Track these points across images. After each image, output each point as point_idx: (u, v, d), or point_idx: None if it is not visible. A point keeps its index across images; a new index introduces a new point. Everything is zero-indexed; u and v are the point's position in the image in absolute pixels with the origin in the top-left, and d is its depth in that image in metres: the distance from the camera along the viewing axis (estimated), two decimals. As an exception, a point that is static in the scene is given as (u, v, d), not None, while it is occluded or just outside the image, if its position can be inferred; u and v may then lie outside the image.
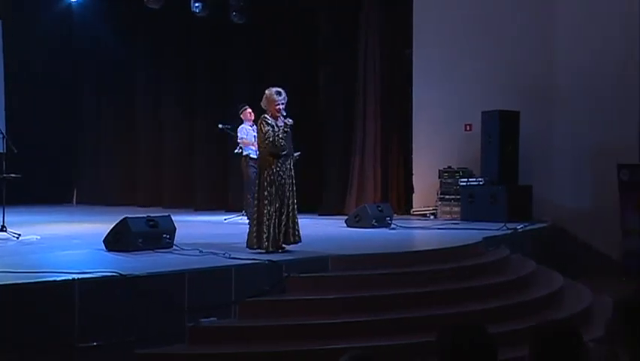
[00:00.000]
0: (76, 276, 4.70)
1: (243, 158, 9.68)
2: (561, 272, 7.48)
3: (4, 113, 12.59)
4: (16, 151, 7.78)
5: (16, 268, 5.07)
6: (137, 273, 4.96)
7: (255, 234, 6.22)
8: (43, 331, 4.41)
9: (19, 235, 7.49)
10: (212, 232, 8.56)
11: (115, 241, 6.39)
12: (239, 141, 9.75)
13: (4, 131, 7.92)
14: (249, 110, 9.73)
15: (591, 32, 9.65)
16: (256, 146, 9.35)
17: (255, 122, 9.34)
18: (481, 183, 9.95)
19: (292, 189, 6.33)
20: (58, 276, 4.74)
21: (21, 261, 5.83)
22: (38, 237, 7.63)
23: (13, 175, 7.82)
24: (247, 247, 6.26)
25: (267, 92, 6.41)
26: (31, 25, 13.61)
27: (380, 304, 5.61)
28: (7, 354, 4.23)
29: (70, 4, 13.85)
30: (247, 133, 9.65)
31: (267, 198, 6.17)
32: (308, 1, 11.66)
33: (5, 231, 7.51)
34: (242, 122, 9.86)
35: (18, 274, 4.80)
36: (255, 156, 9.32)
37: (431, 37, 10.88)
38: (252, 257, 5.77)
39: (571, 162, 9.82)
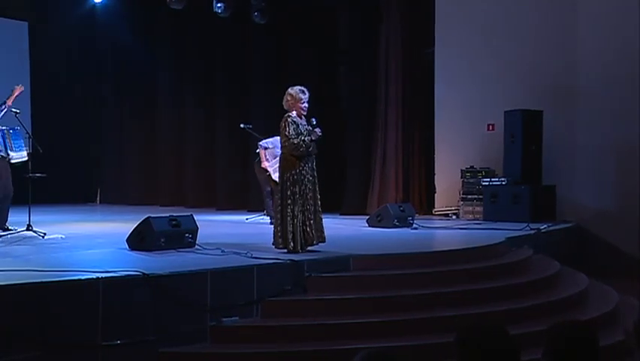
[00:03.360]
0: (100, 275, 4.74)
1: (256, 162, 9.70)
2: (586, 273, 7.39)
3: (29, 113, 12.76)
4: (41, 151, 7.88)
5: (41, 267, 5.13)
6: (159, 272, 4.99)
7: (279, 233, 6.22)
8: (68, 329, 4.46)
9: (45, 233, 7.59)
10: (234, 232, 8.59)
11: (138, 241, 6.44)
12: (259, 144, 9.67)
13: (29, 132, 8.01)
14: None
15: (614, 31, 9.53)
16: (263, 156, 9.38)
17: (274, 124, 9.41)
18: (503, 182, 9.87)
19: (316, 188, 6.32)
20: (82, 275, 4.79)
21: (46, 260, 5.91)
22: (63, 236, 7.73)
23: (38, 175, 7.93)
24: (274, 246, 6.27)
25: (290, 91, 6.38)
26: (56, 27, 13.80)
27: (401, 305, 5.59)
28: (32, 352, 4.28)
29: (93, 5, 14.00)
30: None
31: (290, 198, 6.17)
32: (329, 1, 11.65)
33: (31, 230, 7.62)
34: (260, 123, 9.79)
35: (43, 273, 4.87)
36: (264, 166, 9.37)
37: (453, 37, 10.82)
38: (273, 257, 5.78)
39: (595, 161, 9.71)
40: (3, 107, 7.85)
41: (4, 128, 7.88)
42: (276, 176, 8.06)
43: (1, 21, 13.51)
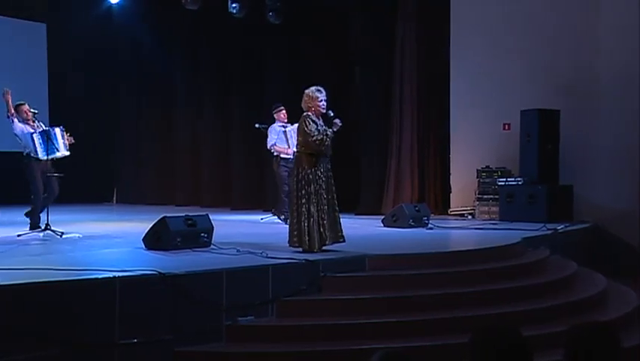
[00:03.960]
0: (117, 274, 4.77)
1: (274, 159, 9.71)
2: (604, 274, 7.32)
3: (47, 114, 12.88)
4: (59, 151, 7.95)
5: (58, 266, 5.18)
6: (175, 271, 5.02)
7: (295, 233, 6.23)
8: (85, 327, 4.49)
9: (62, 233, 7.66)
10: (249, 231, 8.62)
11: (154, 240, 6.48)
12: (269, 147, 9.71)
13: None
14: (284, 111, 9.73)
15: (633, 30, 9.43)
16: (284, 150, 9.47)
17: (290, 122, 9.48)
18: (519, 182, 9.81)
19: (331, 188, 6.32)
20: (99, 274, 4.83)
21: (64, 259, 5.96)
22: (80, 235, 7.80)
23: (56, 174, 8.00)
24: (289, 245, 6.28)
25: (307, 91, 6.39)
26: (73, 28, 13.91)
27: (417, 305, 5.57)
28: (50, 350, 4.31)
29: (110, 6, 14.10)
30: (278, 134, 9.62)
31: (304, 197, 6.17)
32: (344, 1, 11.64)
33: (49, 229, 7.69)
34: (273, 121, 9.82)
35: (61, 272, 4.91)
36: (287, 157, 9.41)
37: (469, 35, 10.77)
38: (288, 256, 5.79)
39: (613, 161, 9.62)
40: (11, 118, 7.90)
41: (38, 130, 7.93)
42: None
43: (20, 23, 13.66)
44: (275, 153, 9.68)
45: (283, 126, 9.68)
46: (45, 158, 7.80)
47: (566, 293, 6.33)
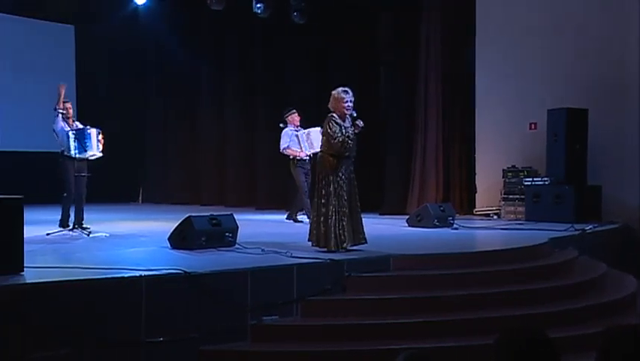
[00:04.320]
0: (143, 273, 4.81)
1: (291, 161, 9.78)
2: (635, 275, 7.20)
3: (75, 114, 13.04)
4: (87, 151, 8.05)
5: (86, 265, 5.25)
6: (200, 271, 5.04)
7: (314, 232, 6.25)
8: (112, 326, 4.54)
9: (90, 232, 7.75)
10: (274, 231, 8.63)
11: (179, 239, 6.52)
12: (281, 150, 9.84)
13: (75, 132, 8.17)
14: (297, 115, 9.91)
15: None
16: (297, 152, 9.52)
17: (313, 124, 9.54)
18: (546, 182, 9.70)
19: (353, 190, 6.31)
20: (126, 273, 4.87)
21: (91, 257, 6.04)
22: (107, 234, 7.89)
23: (83, 174, 8.10)
24: (310, 242, 6.28)
25: (333, 92, 6.39)
26: (100, 30, 14.08)
27: (442, 305, 5.53)
28: (77, 348, 4.36)
29: (136, 8, 14.24)
30: (290, 137, 9.76)
31: (324, 198, 6.18)
32: (368, 1, 11.61)
33: (77, 228, 7.79)
34: (285, 125, 9.97)
35: (88, 270, 4.98)
36: (304, 158, 9.50)
37: (494, 34, 10.67)
38: (313, 256, 5.79)
39: (643, 161, 9.46)
40: (57, 112, 8.03)
41: (73, 129, 8.05)
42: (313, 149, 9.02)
43: (49, 25, 13.88)
44: (290, 156, 9.75)
45: (296, 130, 9.80)
46: (77, 156, 7.89)
47: (595, 295, 6.23)
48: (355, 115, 6.37)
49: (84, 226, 7.95)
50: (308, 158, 9.71)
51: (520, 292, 5.88)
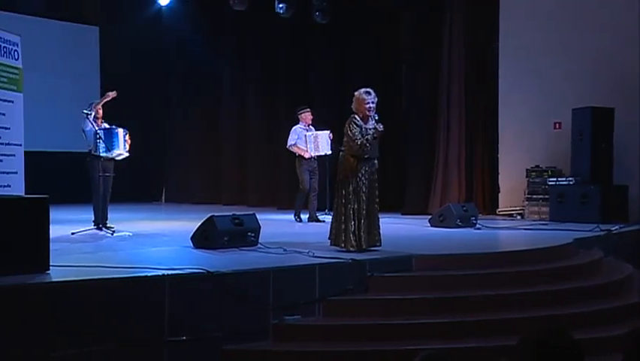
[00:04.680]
0: (166, 272, 4.85)
1: (297, 158, 9.88)
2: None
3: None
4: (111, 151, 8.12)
5: (110, 263, 5.30)
6: (223, 270, 5.06)
7: (334, 232, 6.25)
8: (135, 324, 4.58)
9: (114, 231, 7.83)
10: (296, 231, 8.64)
11: (202, 239, 6.56)
12: (288, 147, 9.96)
13: (99, 132, 8.25)
14: (310, 113, 9.99)
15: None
16: (303, 151, 9.56)
17: (311, 127, 9.65)
18: (571, 182, 9.59)
19: (375, 192, 6.29)
20: (149, 272, 4.91)
21: (115, 256, 6.09)
22: (130, 233, 7.96)
23: (107, 174, 8.18)
24: (329, 241, 6.28)
25: (356, 93, 6.38)
26: (124, 30, 14.21)
27: (464, 306, 5.50)
28: (101, 346, 4.40)
29: (160, 8, 14.36)
30: (299, 135, 9.86)
31: (343, 198, 6.18)
32: (390, 1, 11.56)
33: (101, 227, 7.88)
34: (297, 123, 10.02)
35: (112, 269, 5.02)
36: (307, 157, 9.67)
37: (518, 32, 10.58)
38: (335, 256, 5.79)
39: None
40: (92, 113, 8.11)
41: (101, 128, 8.16)
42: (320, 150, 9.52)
43: (74, 27, 14.04)
44: (297, 154, 9.82)
45: (306, 129, 9.87)
46: (104, 155, 7.99)
47: (621, 296, 6.15)
48: (377, 118, 6.35)
49: (108, 225, 8.04)
50: (313, 157, 9.76)
51: (545, 292, 5.81)
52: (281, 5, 11.63)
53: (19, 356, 4.15)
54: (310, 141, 9.72)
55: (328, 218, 9.76)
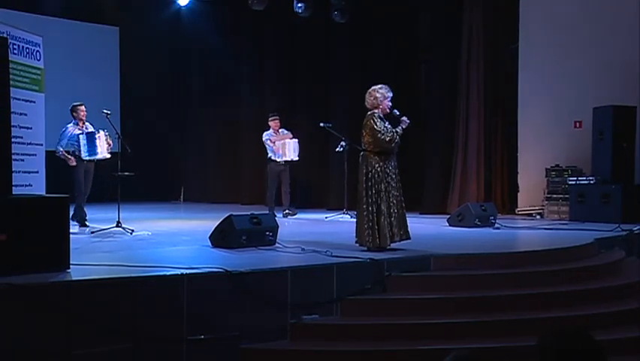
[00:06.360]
0: (184, 271, 4.87)
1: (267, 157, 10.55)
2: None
3: (119, 114, 13.30)
4: (130, 151, 8.19)
5: (129, 262, 5.34)
6: (241, 269, 5.08)
7: (366, 231, 6.18)
8: (154, 323, 4.61)
9: (133, 230, 7.89)
10: (314, 230, 8.65)
11: (220, 238, 6.58)
12: (265, 142, 10.72)
13: (119, 132, 8.34)
14: (278, 121, 10.83)
15: None
16: (269, 151, 10.37)
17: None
18: (592, 182, 9.49)
19: (398, 186, 6.27)
20: (167, 271, 4.94)
21: (134, 256, 6.13)
22: (149, 233, 8.01)
23: (127, 173, 8.25)
24: (357, 243, 6.27)
25: (373, 90, 6.32)
26: (144, 31, 14.32)
27: (483, 306, 5.46)
28: (120, 345, 4.44)
29: (179, 9, 14.44)
30: (265, 140, 10.68)
31: (374, 196, 6.15)
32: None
33: (120, 226, 7.94)
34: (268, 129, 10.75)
35: (131, 268, 5.06)
36: (277, 159, 10.51)
37: (538, 31, 10.49)
38: (353, 255, 5.78)
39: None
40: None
41: (85, 131, 8.35)
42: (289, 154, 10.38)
43: (94, 27, 14.17)
44: (268, 155, 10.55)
45: (274, 135, 10.71)
46: (87, 159, 8.30)
47: (641, 297, 6.08)
48: (399, 113, 6.35)
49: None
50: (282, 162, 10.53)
51: (565, 293, 5.76)
52: (300, 5, 11.64)
53: (41, 353, 4.19)
54: (278, 147, 10.49)
55: (345, 218, 9.84)
